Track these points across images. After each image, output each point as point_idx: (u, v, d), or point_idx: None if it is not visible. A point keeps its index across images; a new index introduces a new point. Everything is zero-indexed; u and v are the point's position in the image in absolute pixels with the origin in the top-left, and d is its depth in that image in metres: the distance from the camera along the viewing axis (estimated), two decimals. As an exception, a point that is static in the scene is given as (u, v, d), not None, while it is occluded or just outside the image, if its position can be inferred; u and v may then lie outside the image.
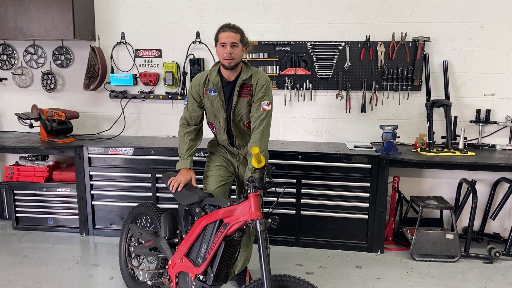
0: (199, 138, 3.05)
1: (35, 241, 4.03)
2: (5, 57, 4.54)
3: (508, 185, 3.92)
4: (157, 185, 3.97)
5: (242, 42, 2.75)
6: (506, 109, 4.02)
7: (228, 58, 2.69)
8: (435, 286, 3.28)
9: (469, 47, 3.98)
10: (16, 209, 4.25)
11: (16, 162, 4.36)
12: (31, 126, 4.16)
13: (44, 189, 4.18)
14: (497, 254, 3.63)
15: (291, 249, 3.89)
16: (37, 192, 4.19)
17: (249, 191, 2.37)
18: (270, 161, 3.24)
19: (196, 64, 4.24)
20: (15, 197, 4.23)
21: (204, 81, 2.87)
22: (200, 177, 3.04)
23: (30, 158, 4.32)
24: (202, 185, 3.07)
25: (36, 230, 4.25)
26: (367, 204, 3.76)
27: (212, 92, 2.84)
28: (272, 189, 2.50)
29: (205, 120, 3.05)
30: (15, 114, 4.22)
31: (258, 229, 2.27)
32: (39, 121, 4.22)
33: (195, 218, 2.65)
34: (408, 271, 3.52)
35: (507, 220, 4.14)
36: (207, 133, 3.20)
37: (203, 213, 2.61)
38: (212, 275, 2.45)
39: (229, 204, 2.46)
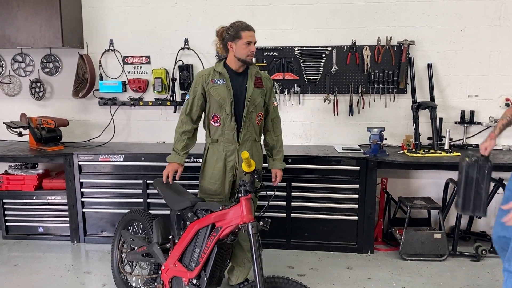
0: (194, 139, 3.11)
1: (26, 250, 4.01)
2: (-8, 65, 4.53)
3: (493, 184, 4.00)
4: (148, 191, 3.98)
5: None
6: (490, 110, 4.11)
7: (252, 55, 2.91)
8: (424, 284, 3.35)
9: (452, 50, 4.08)
10: (6, 218, 4.22)
11: (5, 170, 4.32)
12: (20, 134, 4.15)
13: (34, 198, 4.16)
14: (483, 252, 3.71)
15: (282, 251, 3.92)
16: (27, 201, 4.17)
17: (240, 195, 2.41)
18: (264, 164, 3.27)
19: (185, 70, 4.27)
20: (5, 206, 4.20)
21: (209, 73, 2.96)
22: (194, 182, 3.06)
23: (19, 167, 4.29)
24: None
25: (26, 239, 4.23)
26: (356, 206, 3.81)
27: (219, 82, 2.92)
28: (263, 193, 2.54)
29: (201, 123, 3.09)
30: (4, 123, 4.20)
31: (250, 232, 2.31)
32: (28, 130, 4.21)
33: (188, 223, 2.68)
34: (397, 270, 3.58)
35: (493, 218, 4.21)
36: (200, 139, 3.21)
37: (195, 218, 2.64)
38: (205, 279, 2.48)
39: (221, 208, 2.49)
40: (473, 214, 2.67)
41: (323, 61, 4.14)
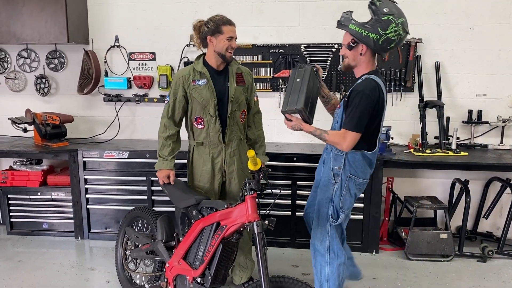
0: (179, 142, 3.03)
1: (30, 246, 4.02)
2: (-3, 61, 4.53)
3: (500, 184, 3.97)
4: (153, 188, 3.97)
5: None
6: (497, 109, 4.06)
7: (231, 51, 2.81)
8: (430, 285, 3.32)
9: (460, 48, 4.03)
10: (11, 213, 4.23)
11: (10, 166, 4.33)
12: (25, 130, 4.14)
13: (39, 194, 4.16)
14: (490, 252, 3.67)
15: (287, 250, 3.90)
16: (31, 197, 4.17)
17: (245, 193, 2.38)
18: (266, 162, 3.25)
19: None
20: (9, 202, 4.21)
21: (188, 74, 2.85)
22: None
23: (24, 163, 4.30)
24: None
25: (30, 234, 4.23)
26: (361, 205, 3.78)
27: (200, 83, 2.83)
28: (269, 191, 2.52)
29: (183, 126, 3.04)
30: (9, 119, 4.20)
31: (256, 231, 2.29)
32: (33, 125, 4.20)
33: (192, 220, 2.66)
34: (403, 270, 3.55)
35: (499, 219, 4.18)
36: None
37: (200, 216, 2.62)
38: (210, 277, 2.46)
39: (226, 206, 2.47)
40: (291, 108, 2.57)
41: (329, 58, 4.11)
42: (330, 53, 4.10)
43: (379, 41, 2.46)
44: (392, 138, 3.97)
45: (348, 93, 2.57)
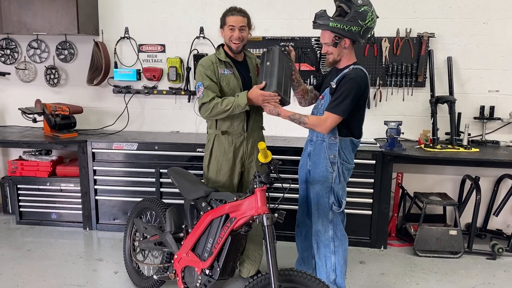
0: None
1: (39, 236, 4.04)
2: (8, 51, 4.54)
3: (511, 181, 3.93)
4: (161, 180, 3.97)
5: (249, 25, 2.86)
6: (510, 105, 4.01)
7: (236, 41, 2.78)
8: (439, 281, 3.30)
9: (473, 43, 3.98)
10: (20, 203, 4.26)
11: (20, 156, 4.36)
12: (34, 120, 4.16)
13: (48, 184, 4.18)
14: (500, 250, 3.64)
15: (295, 244, 3.88)
16: (40, 187, 4.19)
17: (255, 186, 2.37)
18: (274, 156, 3.23)
19: (200, 59, 4.22)
20: (19, 192, 4.24)
21: (216, 61, 2.84)
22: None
23: (33, 153, 4.32)
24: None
25: (39, 224, 4.26)
26: (370, 200, 3.76)
27: (226, 72, 2.83)
28: (278, 185, 2.50)
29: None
30: (19, 109, 4.21)
31: (265, 224, 2.28)
32: (42, 116, 4.22)
33: (201, 212, 2.66)
34: (411, 266, 3.53)
35: (510, 216, 4.14)
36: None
37: (209, 208, 2.61)
38: (218, 269, 2.46)
39: (235, 198, 2.46)
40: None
41: (340, 52, 4.07)
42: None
43: (361, 31, 2.57)
44: (403, 133, 3.92)
45: (334, 82, 2.64)
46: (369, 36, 2.65)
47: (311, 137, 2.83)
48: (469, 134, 3.94)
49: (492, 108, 4.01)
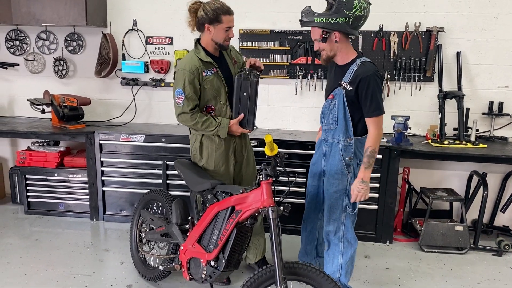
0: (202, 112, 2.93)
1: (47, 226, 4.08)
2: (17, 42, 4.56)
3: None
4: (168, 172, 3.99)
5: None
6: (520, 101, 3.98)
7: (229, 40, 2.83)
8: (444, 277, 3.29)
9: (483, 38, 3.94)
10: (28, 193, 4.30)
11: (28, 147, 4.39)
12: (43, 111, 4.19)
13: (55, 175, 4.21)
14: (506, 246, 3.62)
15: (300, 238, 3.89)
16: (48, 177, 4.23)
17: (261, 179, 2.38)
18: (281, 150, 3.24)
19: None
20: (27, 182, 4.28)
21: (199, 65, 2.77)
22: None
23: (41, 144, 4.35)
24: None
25: (47, 214, 4.30)
26: (376, 195, 3.75)
27: (209, 73, 2.79)
28: (284, 178, 2.51)
29: None
30: (27, 100, 4.25)
31: (271, 217, 2.29)
32: (51, 107, 4.24)
33: (207, 204, 2.67)
34: (416, 262, 3.53)
35: (517, 214, 4.13)
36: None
37: (215, 200, 2.63)
38: (223, 261, 2.48)
39: (241, 191, 2.47)
40: (248, 128, 2.93)
41: (348, 46, 4.05)
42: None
43: (349, 22, 2.49)
44: (410, 128, 3.90)
45: (346, 82, 2.57)
46: (362, 24, 2.54)
47: (327, 138, 2.76)
48: (477, 130, 3.91)
49: (501, 104, 3.97)
